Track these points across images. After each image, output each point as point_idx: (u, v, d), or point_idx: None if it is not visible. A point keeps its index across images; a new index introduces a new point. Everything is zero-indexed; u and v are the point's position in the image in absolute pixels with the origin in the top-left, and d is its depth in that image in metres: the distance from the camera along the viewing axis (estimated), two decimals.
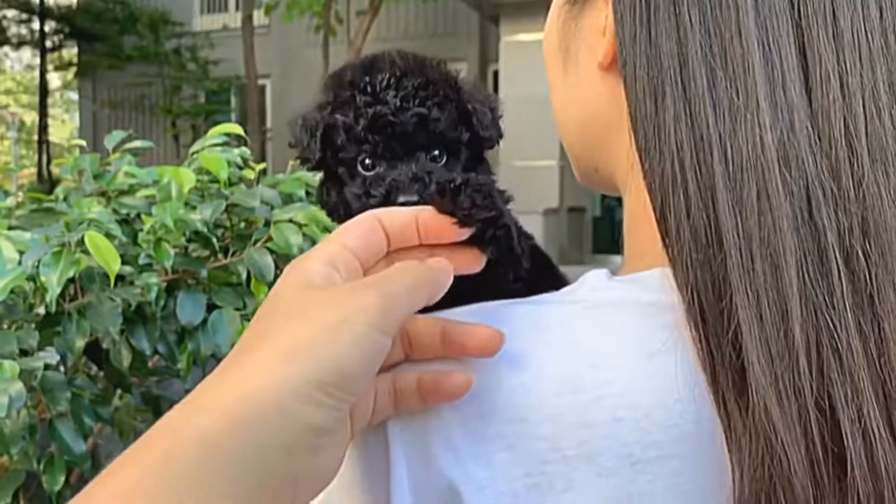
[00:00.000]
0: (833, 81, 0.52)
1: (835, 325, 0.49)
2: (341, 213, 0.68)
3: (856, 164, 0.51)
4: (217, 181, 1.56)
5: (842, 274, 0.50)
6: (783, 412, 0.48)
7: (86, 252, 1.23)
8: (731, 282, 0.50)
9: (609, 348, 0.54)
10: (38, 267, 1.20)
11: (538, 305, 0.58)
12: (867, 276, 0.50)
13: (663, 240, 0.54)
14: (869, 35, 0.53)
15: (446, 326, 0.53)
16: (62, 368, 1.49)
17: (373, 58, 0.68)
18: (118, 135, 1.84)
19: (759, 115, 0.51)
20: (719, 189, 0.51)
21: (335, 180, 0.69)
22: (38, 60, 15.68)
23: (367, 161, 0.64)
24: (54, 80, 20.82)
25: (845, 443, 0.48)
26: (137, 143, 1.90)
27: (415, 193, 0.61)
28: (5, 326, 1.51)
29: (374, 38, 11.01)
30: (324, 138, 0.67)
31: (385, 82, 0.64)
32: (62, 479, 1.44)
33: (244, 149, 1.64)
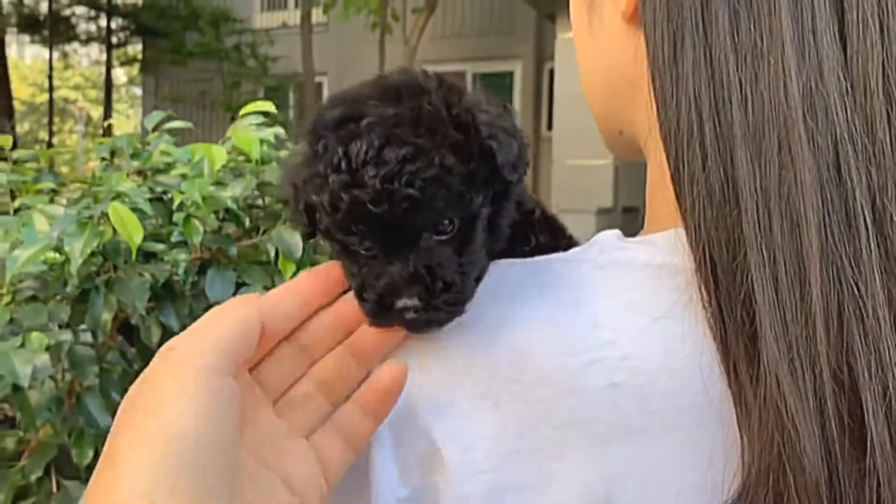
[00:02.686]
0: (871, 24, 0.47)
1: (860, 292, 0.44)
2: None
3: (893, 116, 0.46)
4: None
5: (871, 236, 0.45)
6: (796, 383, 0.43)
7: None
8: (746, 240, 0.46)
9: (614, 309, 0.50)
10: (63, 238, 1.20)
11: (546, 264, 0.55)
12: None
13: (677, 196, 0.50)
14: None
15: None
16: (94, 343, 1.50)
17: (349, 109, 0.52)
18: (158, 115, 1.85)
19: (783, 59, 0.47)
20: (737, 140, 0.47)
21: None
22: (104, 57, 16.12)
23: (367, 243, 0.52)
24: (120, 75, 21.39)
25: (866, 420, 0.43)
26: (178, 124, 1.90)
27: (414, 296, 0.49)
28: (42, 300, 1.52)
29: (430, 36, 11.03)
30: (309, 212, 0.54)
31: (362, 156, 0.49)
32: (91, 452, 1.44)
33: (279, 128, 1.62)
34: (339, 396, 0.51)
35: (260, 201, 1.55)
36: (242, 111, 1.59)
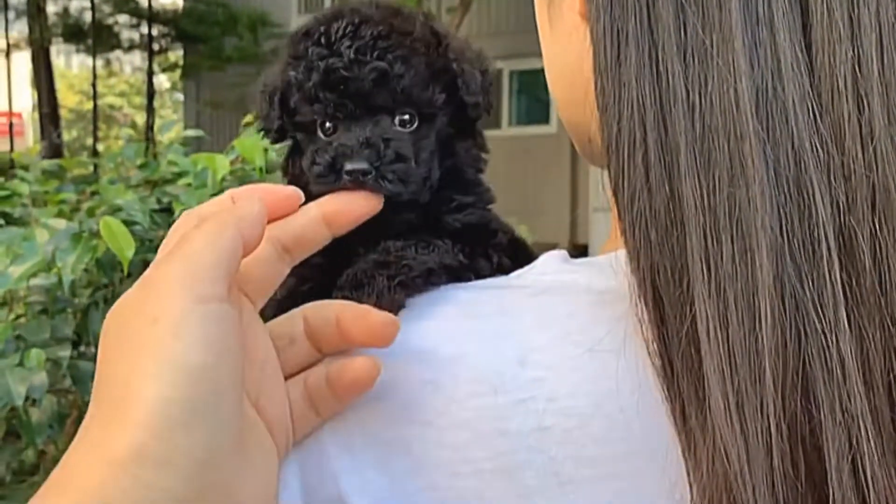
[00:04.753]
0: (838, 15, 0.41)
1: (823, 329, 0.38)
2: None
3: (864, 122, 0.39)
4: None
5: (835, 261, 0.38)
6: (744, 436, 0.37)
7: None
8: (691, 268, 0.40)
9: (545, 342, 0.45)
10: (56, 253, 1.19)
11: (479, 291, 0.50)
12: (872, 265, 0.38)
13: (619, 214, 0.45)
14: None
15: (340, 313, 0.46)
16: None
17: (339, 8, 0.59)
18: (171, 125, 1.85)
19: (734, 59, 0.41)
20: (683, 152, 0.41)
21: (298, 149, 0.61)
22: (146, 64, 16.39)
23: (328, 125, 0.56)
24: (163, 81, 21.74)
25: (828, 477, 0.37)
26: (190, 133, 1.90)
27: (364, 160, 0.52)
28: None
29: (466, 34, 10.92)
30: (282, 101, 0.59)
31: (340, 31, 0.55)
32: None
33: None
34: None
35: None
36: (245, 120, 1.58)
